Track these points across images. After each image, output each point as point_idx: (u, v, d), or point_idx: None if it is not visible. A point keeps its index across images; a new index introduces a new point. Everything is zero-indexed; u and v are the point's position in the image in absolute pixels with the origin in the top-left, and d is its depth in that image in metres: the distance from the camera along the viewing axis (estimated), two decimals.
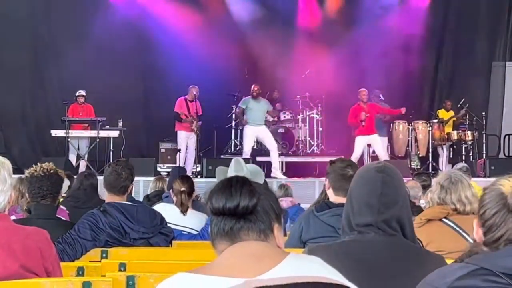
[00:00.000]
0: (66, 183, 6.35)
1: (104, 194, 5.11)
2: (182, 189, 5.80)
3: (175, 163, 13.94)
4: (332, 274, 1.95)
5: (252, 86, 13.84)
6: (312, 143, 15.39)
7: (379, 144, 14.11)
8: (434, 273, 2.19)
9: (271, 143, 13.89)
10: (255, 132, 13.86)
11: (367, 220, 2.72)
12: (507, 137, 16.84)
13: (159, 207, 5.62)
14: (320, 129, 15.48)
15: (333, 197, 4.31)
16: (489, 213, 2.19)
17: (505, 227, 2.15)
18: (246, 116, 13.81)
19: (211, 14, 16.33)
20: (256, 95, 13.76)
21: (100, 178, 6.00)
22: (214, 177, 6.17)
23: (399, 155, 15.20)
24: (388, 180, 2.76)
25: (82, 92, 14.53)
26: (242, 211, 2.00)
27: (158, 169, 13.88)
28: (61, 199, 5.72)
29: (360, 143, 13.93)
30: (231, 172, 5.96)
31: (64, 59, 15.57)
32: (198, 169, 13.90)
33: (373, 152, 14.40)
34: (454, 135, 15.45)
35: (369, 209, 2.72)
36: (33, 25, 15.80)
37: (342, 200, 4.26)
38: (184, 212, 5.76)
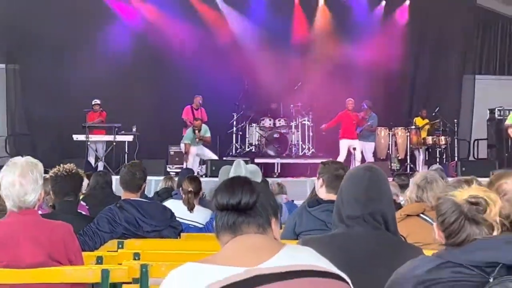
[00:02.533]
0: (86, 182, 6.36)
1: (120, 191, 5.10)
2: (190, 189, 5.79)
3: (183, 164, 13.96)
4: (323, 263, 1.96)
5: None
6: (304, 146, 15.39)
7: (359, 148, 14.23)
8: (406, 265, 2.21)
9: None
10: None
11: (355, 212, 2.74)
12: (476, 142, 16.89)
13: (169, 203, 5.62)
14: (311, 134, 15.48)
15: (324, 195, 4.31)
16: (448, 221, 2.20)
17: (465, 232, 2.17)
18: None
19: (215, 31, 16.34)
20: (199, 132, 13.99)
21: (116, 177, 6.00)
22: (217, 176, 6.17)
23: (381, 158, 15.24)
24: (374, 178, 2.80)
25: (97, 101, 14.61)
26: (244, 207, 2.01)
27: (168, 169, 13.88)
28: (81, 196, 5.73)
29: (344, 145, 14.12)
30: (232, 171, 5.97)
31: (84, 71, 15.56)
32: (203, 169, 13.89)
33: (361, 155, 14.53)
34: (429, 140, 15.49)
35: (356, 203, 2.75)
36: (55, 41, 15.75)
37: (334, 197, 4.27)
38: (190, 210, 5.75)
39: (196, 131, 13.87)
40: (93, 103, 14.62)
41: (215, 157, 14.08)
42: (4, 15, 15.78)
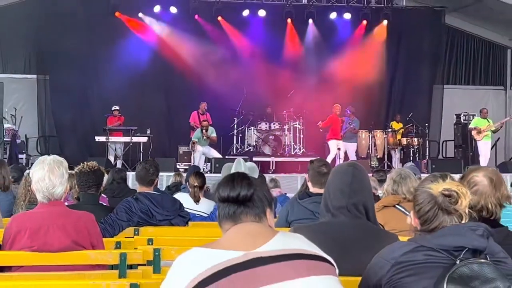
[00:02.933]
0: (106, 177, 6.35)
1: (136, 185, 5.10)
2: (196, 184, 5.78)
3: (190, 162, 13.94)
4: (311, 247, 1.96)
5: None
6: (295, 146, 15.37)
7: (343, 148, 14.28)
8: (385, 249, 2.22)
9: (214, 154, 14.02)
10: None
11: (340, 203, 2.74)
12: (444, 142, 16.93)
13: (179, 196, 5.62)
14: (302, 136, 15.46)
15: (311, 189, 4.32)
16: (424, 210, 2.22)
17: (437, 220, 2.19)
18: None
19: (218, 47, 16.32)
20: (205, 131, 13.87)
21: (133, 173, 5.97)
22: (221, 173, 6.16)
23: (362, 156, 15.23)
24: (356, 173, 2.80)
25: (117, 107, 14.64)
26: (242, 199, 2.01)
27: (177, 166, 13.84)
28: (103, 190, 5.72)
29: (333, 145, 14.10)
30: (233, 168, 5.97)
31: (104, 81, 15.59)
32: (208, 166, 13.88)
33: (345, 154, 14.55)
34: (404, 141, 15.51)
35: (341, 194, 2.75)
36: (80, 55, 15.77)
37: (318, 190, 4.27)
38: (196, 202, 5.75)
39: (204, 131, 13.83)
40: (112, 109, 14.63)
41: (219, 156, 14.06)
42: (36, 33, 15.83)
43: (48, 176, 3.25)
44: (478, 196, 2.70)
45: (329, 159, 13.71)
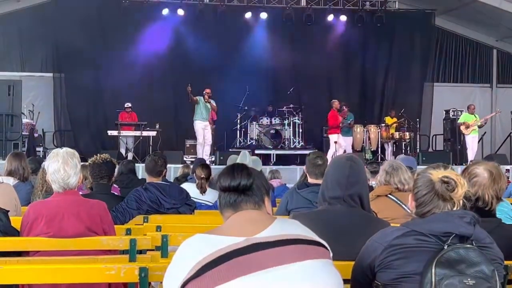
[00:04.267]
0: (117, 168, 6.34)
1: (146, 176, 5.10)
2: (202, 175, 5.75)
3: (196, 155, 13.93)
4: (308, 233, 1.96)
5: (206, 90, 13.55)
6: (295, 140, 15.37)
7: (343, 143, 14.21)
8: (378, 233, 2.22)
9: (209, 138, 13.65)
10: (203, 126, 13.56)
11: (337, 194, 2.73)
12: (434, 136, 16.92)
13: (185, 186, 5.61)
14: (301, 130, 15.47)
15: (309, 179, 4.32)
16: (421, 193, 2.21)
17: (432, 204, 2.18)
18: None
19: (222, 48, 16.31)
20: (208, 97, 13.47)
21: (143, 165, 5.95)
22: (225, 164, 6.16)
23: (357, 149, 15.21)
24: (354, 166, 2.78)
25: (129, 104, 14.65)
26: (242, 188, 2.00)
27: (184, 159, 13.85)
28: (114, 180, 5.72)
29: (334, 139, 14.03)
30: (239, 159, 5.98)
31: (116, 79, 15.56)
32: (213, 158, 13.88)
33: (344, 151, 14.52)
34: (396, 135, 15.48)
35: (338, 186, 2.74)
36: (93, 54, 15.79)
37: (315, 181, 4.27)
38: (203, 192, 5.74)
39: (206, 96, 13.44)
40: (125, 106, 14.62)
41: (210, 140, 13.76)
42: (53, 35, 15.85)
43: (63, 167, 3.26)
44: (477, 187, 2.70)
45: (329, 154, 13.69)
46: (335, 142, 13.97)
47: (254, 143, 15.23)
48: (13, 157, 5.46)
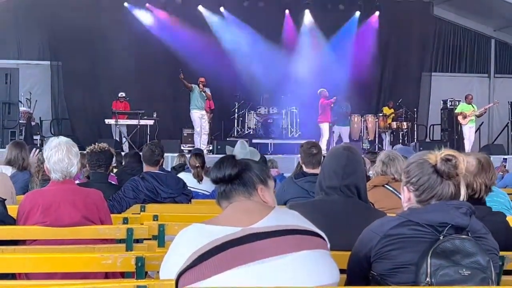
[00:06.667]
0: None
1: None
2: (197, 164, 5.76)
3: (194, 144, 13.92)
4: (305, 223, 1.96)
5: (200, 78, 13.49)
6: (292, 130, 15.37)
7: (336, 131, 14.21)
8: (375, 222, 2.21)
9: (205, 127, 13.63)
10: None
11: (334, 183, 2.72)
12: (431, 126, 16.93)
13: (182, 175, 5.62)
14: (297, 120, 15.47)
15: (305, 169, 4.33)
16: (422, 180, 2.17)
17: (437, 188, 2.15)
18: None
19: (219, 35, 16.25)
20: (203, 86, 13.40)
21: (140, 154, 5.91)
22: (222, 153, 6.15)
23: (354, 139, 15.22)
24: (351, 156, 2.77)
25: (123, 94, 14.64)
26: (228, 178, 2.03)
27: (181, 148, 13.82)
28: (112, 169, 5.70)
29: (326, 127, 14.02)
30: (237, 149, 5.97)
31: (113, 67, 15.49)
32: (211, 147, 13.87)
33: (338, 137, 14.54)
34: (394, 125, 15.51)
35: (335, 176, 2.72)
36: (90, 43, 15.70)
37: (312, 170, 4.28)
38: (199, 181, 5.74)
39: (201, 85, 13.38)
40: (119, 95, 14.58)
41: (207, 129, 13.74)
42: (49, 23, 15.74)
43: (67, 156, 3.26)
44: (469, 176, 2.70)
45: (323, 142, 13.71)
46: (332, 132, 14.03)
47: (251, 133, 15.22)
48: (13, 146, 5.42)
